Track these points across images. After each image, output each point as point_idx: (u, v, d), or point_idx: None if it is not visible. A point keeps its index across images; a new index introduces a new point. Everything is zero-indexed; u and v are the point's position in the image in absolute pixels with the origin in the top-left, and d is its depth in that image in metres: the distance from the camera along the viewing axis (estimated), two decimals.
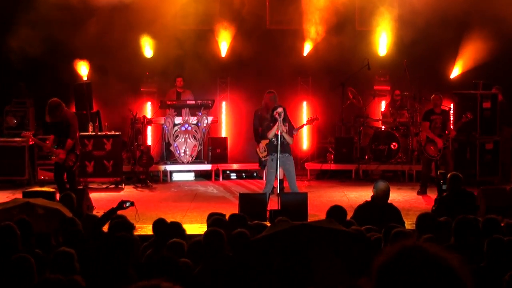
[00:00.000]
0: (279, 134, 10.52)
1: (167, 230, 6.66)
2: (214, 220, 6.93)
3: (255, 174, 15.22)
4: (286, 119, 10.79)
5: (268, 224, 7.83)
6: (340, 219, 6.90)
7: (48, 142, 11.59)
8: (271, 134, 10.68)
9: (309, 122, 12.50)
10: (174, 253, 5.79)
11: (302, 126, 12.79)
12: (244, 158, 15.89)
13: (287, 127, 10.75)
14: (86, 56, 15.36)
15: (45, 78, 14.94)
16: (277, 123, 10.57)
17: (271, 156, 10.77)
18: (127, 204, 7.48)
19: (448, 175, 9.00)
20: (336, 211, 7.31)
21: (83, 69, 15.51)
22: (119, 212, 7.34)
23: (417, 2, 15.15)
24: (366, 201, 8.26)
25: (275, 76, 15.83)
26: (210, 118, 14.98)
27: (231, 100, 16.53)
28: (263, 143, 12.37)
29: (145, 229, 9.02)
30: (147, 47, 15.77)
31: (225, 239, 5.78)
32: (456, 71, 15.89)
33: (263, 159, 12.52)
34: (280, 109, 10.69)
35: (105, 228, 7.11)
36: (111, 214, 7.19)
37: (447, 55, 15.76)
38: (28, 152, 13.76)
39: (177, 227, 6.78)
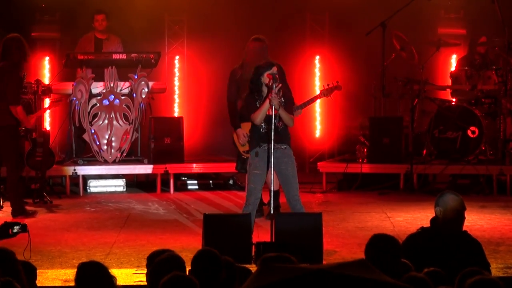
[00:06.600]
0: (273, 113, 10.37)
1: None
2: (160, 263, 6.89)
3: (231, 182, 15.34)
4: (282, 87, 10.66)
5: (254, 267, 7.83)
6: (388, 257, 6.89)
7: None
8: (260, 115, 10.48)
9: (324, 93, 12.42)
10: None
11: (312, 101, 12.71)
12: (212, 153, 15.97)
13: (282, 100, 10.64)
14: None
15: None
16: (271, 94, 10.37)
17: (255, 149, 10.70)
18: (15, 229, 7.65)
19: None
20: (382, 245, 7.24)
21: None
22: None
23: None
24: (423, 228, 8.29)
25: (268, 12, 15.93)
26: (152, 84, 15.05)
27: (189, 55, 16.53)
28: (245, 127, 12.29)
29: (44, 275, 9.08)
30: None
31: None
32: None
33: (244, 156, 12.52)
34: (274, 69, 10.61)
35: None
36: None
37: None
38: None
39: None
